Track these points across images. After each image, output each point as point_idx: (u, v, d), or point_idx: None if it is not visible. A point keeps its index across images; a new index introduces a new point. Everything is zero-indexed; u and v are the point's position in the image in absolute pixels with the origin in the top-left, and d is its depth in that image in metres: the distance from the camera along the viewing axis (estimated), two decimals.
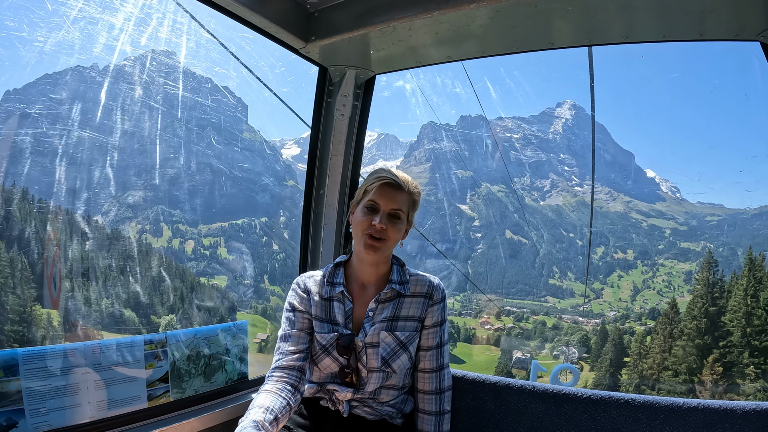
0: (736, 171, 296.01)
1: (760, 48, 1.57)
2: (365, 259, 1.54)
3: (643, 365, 34.35)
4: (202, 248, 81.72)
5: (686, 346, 31.73)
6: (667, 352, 32.91)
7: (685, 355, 31.46)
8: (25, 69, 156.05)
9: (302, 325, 1.56)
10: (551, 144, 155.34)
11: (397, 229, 1.49)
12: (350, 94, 2.10)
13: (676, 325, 33.43)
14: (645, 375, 33.76)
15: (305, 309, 1.58)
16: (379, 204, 1.48)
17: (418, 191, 1.56)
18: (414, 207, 1.55)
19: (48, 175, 78.58)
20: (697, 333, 31.73)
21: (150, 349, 1.58)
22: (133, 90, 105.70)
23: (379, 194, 1.48)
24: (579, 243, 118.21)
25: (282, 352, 1.53)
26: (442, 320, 1.60)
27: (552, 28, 1.69)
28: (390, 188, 1.49)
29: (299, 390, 1.49)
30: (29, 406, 1.29)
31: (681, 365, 31.63)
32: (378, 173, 1.52)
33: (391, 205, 1.48)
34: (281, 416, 1.37)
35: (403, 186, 1.50)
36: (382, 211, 1.48)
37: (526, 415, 1.67)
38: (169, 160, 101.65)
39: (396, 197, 1.49)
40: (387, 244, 1.49)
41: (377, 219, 1.47)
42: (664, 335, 33.44)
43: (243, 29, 1.74)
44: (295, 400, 1.45)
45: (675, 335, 33.03)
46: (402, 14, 1.64)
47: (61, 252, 51.13)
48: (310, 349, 1.57)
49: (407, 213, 1.52)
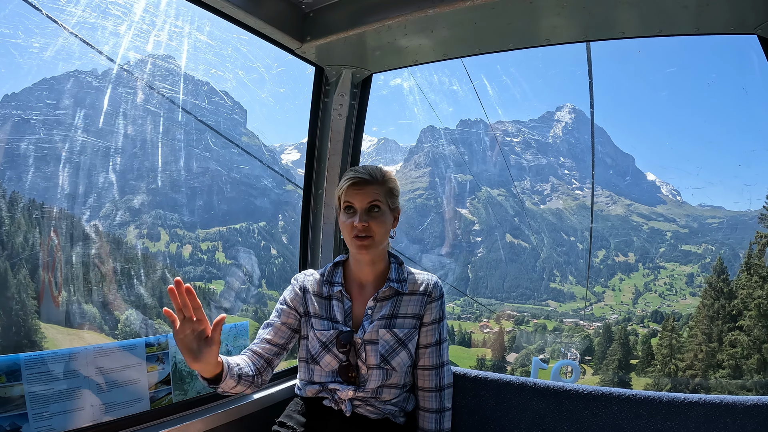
0: (734, 165, 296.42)
1: (758, 41, 1.57)
2: (361, 259, 1.55)
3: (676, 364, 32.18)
4: (199, 252, 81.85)
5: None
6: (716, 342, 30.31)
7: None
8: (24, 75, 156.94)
9: (287, 319, 1.59)
10: (551, 147, 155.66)
11: (380, 221, 1.49)
12: (347, 94, 2.10)
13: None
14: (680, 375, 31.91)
15: (295, 306, 1.60)
16: (353, 203, 1.49)
17: (390, 178, 1.55)
18: (392, 194, 1.55)
19: (44, 180, 78.76)
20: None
21: (151, 352, 1.58)
22: (131, 94, 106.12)
23: (350, 194, 1.50)
24: (580, 246, 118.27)
25: (259, 337, 1.58)
26: (441, 317, 1.61)
27: (547, 25, 1.69)
28: (359, 185, 1.49)
29: (261, 375, 1.52)
30: (32, 411, 1.29)
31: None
32: (346, 175, 1.53)
33: (366, 200, 1.49)
34: (242, 372, 1.43)
35: (371, 179, 1.50)
36: (359, 209, 1.49)
37: (527, 412, 1.67)
38: (168, 164, 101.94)
39: (367, 192, 1.49)
40: (375, 239, 1.49)
41: (356, 219, 1.48)
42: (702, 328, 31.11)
43: (239, 31, 1.75)
44: (254, 380, 1.49)
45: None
46: (397, 13, 1.64)
47: (51, 255, 51.12)
48: (285, 348, 1.59)
49: (385, 202, 1.52)
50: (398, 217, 1.59)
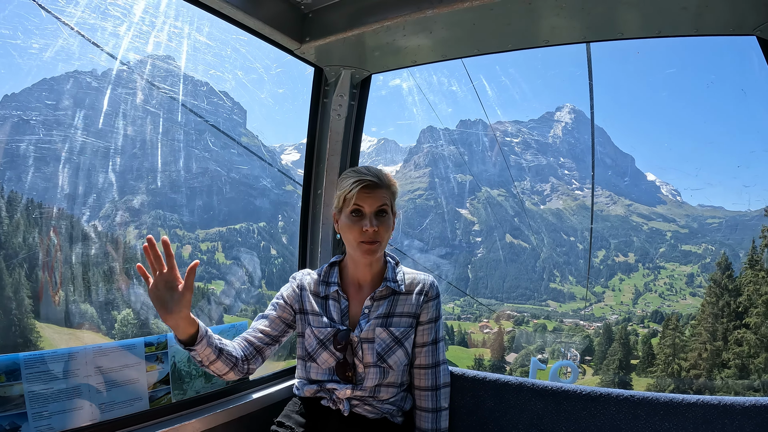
0: (733, 166, 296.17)
1: (757, 42, 1.57)
2: (362, 261, 1.54)
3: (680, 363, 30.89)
4: (199, 253, 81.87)
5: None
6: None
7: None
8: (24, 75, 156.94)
9: (282, 313, 1.60)
10: (551, 148, 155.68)
11: (387, 226, 1.49)
12: (346, 94, 2.10)
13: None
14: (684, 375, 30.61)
15: (291, 303, 1.61)
16: (364, 207, 1.46)
17: (394, 182, 1.55)
18: (394, 197, 1.55)
19: (43, 180, 78.76)
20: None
21: (150, 351, 1.58)
22: (131, 95, 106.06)
23: (361, 198, 1.45)
24: (580, 246, 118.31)
25: (253, 327, 1.59)
26: (437, 317, 1.61)
27: (546, 26, 1.70)
28: (369, 189, 1.45)
29: (248, 362, 1.52)
30: (32, 410, 1.29)
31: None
32: (352, 176, 1.47)
33: (376, 204, 1.46)
34: (224, 349, 1.43)
35: (380, 182, 1.47)
36: (368, 213, 1.46)
37: (526, 412, 1.67)
38: (168, 164, 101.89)
39: (377, 196, 1.46)
40: (382, 244, 1.50)
41: (367, 224, 1.44)
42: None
43: (239, 32, 1.76)
44: (237, 363, 1.48)
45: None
46: (396, 13, 1.64)
47: (49, 254, 51.13)
48: (278, 341, 1.59)
49: (390, 206, 1.51)
50: (395, 219, 1.60)
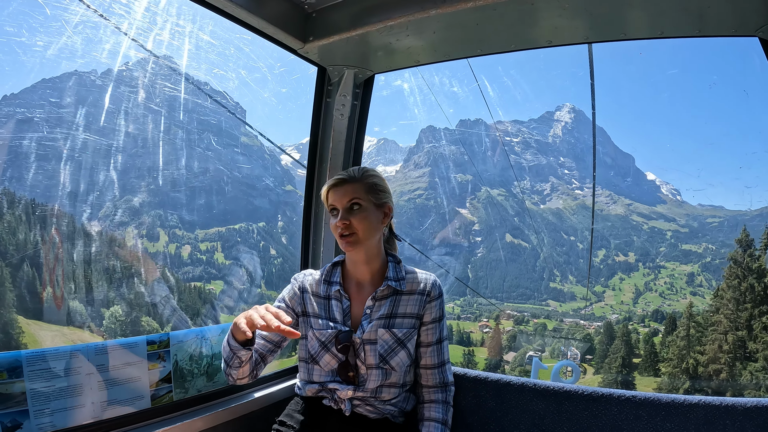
0: (735, 168, 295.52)
1: (759, 43, 1.57)
2: (351, 257, 1.58)
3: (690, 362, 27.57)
4: (198, 253, 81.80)
5: None
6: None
7: None
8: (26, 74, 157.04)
9: None
10: (551, 147, 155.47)
11: (361, 217, 1.50)
12: (349, 94, 2.11)
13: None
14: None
15: (293, 306, 1.62)
16: (336, 204, 1.53)
17: (371, 174, 1.57)
18: (375, 189, 1.55)
19: (46, 178, 78.74)
20: None
21: (152, 350, 1.58)
22: (132, 93, 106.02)
23: (331, 197, 1.54)
24: (580, 246, 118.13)
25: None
26: (441, 316, 1.61)
27: (549, 26, 1.70)
28: (337, 187, 1.53)
29: (256, 369, 1.58)
30: (33, 408, 1.29)
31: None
32: (328, 180, 1.58)
33: (345, 199, 1.51)
34: (253, 359, 1.55)
35: (349, 178, 1.53)
36: (340, 209, 1.52)
37: (527, 413, 1.67)
38: (169, 164, 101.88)
39: (346, 190, 1.51)
40: (359, 236, 1.50)
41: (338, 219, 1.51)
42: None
43: (242, 31, 1.76)
44: (251, 370, 1.56)
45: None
46: (399, 13, 1.65)
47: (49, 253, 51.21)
48: (279, 346, 1.61)
49: (367, 199, 1.52)
50: (390, 213, 1.59)
